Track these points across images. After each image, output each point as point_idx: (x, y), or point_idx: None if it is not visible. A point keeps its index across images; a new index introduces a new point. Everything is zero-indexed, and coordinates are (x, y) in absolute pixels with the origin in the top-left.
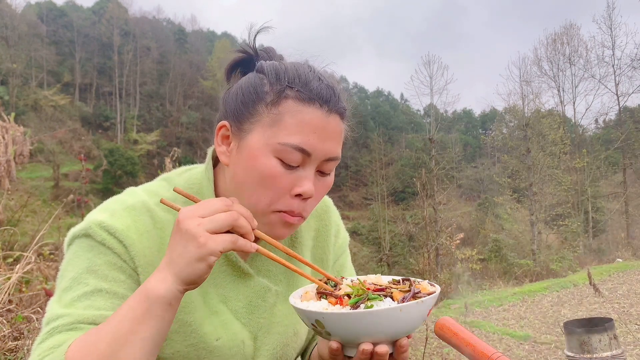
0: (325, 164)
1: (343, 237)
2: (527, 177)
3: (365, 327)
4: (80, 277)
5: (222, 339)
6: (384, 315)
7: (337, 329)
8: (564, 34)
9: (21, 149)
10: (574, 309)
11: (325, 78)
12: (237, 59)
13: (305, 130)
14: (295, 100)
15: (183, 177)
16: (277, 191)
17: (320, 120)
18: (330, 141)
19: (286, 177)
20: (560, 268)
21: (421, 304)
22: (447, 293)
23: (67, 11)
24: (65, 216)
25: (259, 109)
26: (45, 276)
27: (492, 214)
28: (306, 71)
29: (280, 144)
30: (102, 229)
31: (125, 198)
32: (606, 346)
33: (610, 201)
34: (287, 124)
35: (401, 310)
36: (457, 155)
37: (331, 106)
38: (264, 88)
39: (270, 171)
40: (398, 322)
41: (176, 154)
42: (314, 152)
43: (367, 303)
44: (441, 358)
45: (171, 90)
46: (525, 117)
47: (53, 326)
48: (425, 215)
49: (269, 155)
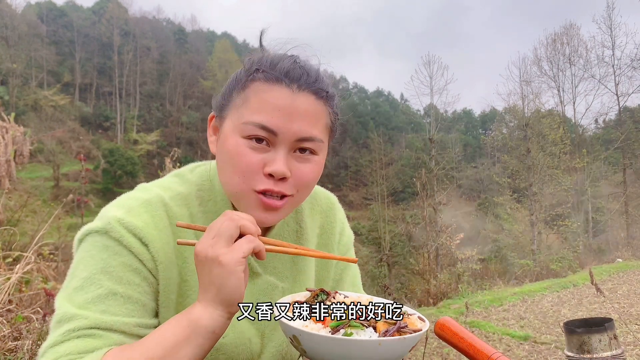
0: (299, 144)
1: (348, 236)
2: (527, 177)
3: (340, 354)
4: (93, 277)
5: (229, 337)
6: (361, 346)
7: (313, 349)
8: (564, 34)
9: (21, 149)
10: (574, 309)
11: (304, 62)
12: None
13: (268, 108)
14: (261, 82)
15: (195, 173)
16: (247, 170)
17: (285, 99)
18: (300, 121)
19: (254, 156)
20: (560, 268)
21: (402, 340)
22: (447, 293)
23: (67, 11)
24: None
25: (233, 94)
26: (45, 276)
27: (492, 214)
28: (281, 56)
29: (244, 123)
30: (121, 225)
31: (139, 194)
32: (606, 346)
33: (610, 201)
34: (251, 103)
35: (380, 344)
36: (457, 155)
37: (301, 84)
38: (239, 76)
39: (238, 151)
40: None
41: (176, 154)
42: (279, 131)
43: (347, 330)
44: (441, 358)
45: (171, 90)
46: (525, 117)
47: (69, 328)
48: (425, 215)
49: (237, 135)
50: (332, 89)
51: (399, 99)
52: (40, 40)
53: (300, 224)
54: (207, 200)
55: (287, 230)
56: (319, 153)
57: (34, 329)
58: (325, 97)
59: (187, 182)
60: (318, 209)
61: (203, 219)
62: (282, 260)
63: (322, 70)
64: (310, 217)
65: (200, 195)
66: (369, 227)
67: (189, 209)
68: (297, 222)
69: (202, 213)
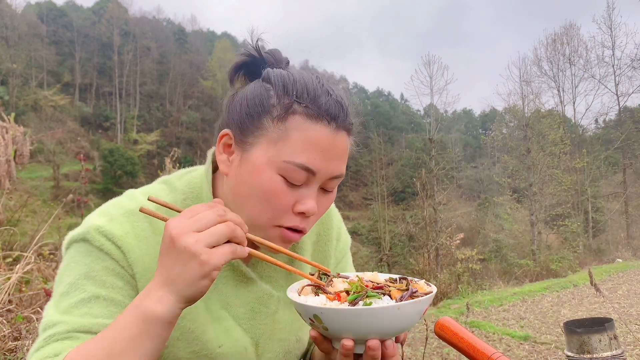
0: (329, 182)
1: (344, 240)
2: (527, 177)
3: (362, 324)
4: (77, 282)
5: (224, 346)
6: (382, 314)
7: (335, 325)
8: (564, 34)
9: (21, 149)
10: (574, 309)
11: (334, 91)
12: (240, 62)
13: (311, 149)
14: (302, 117)
15: (183, 180)
16: (278, 208)
17: (327, 139)
18: (336, 160)
19: (289, 195)
20: (560, 268)
21: (418, 303)
22: (447, 293)
23: (67, 11)
24: (65, 216)
25: (264, 122)
26: (45, 276)
27: (492, 214)
28: (315, 84)
29: (285, 162)
30: (100, 234)
31: (124, 202)
32: (606, 346)
33: (610, 201)
34: (293, 141)
35: (399, 309)
36: (457, 155)
37: (339, 123)
38: (270, 100)
39: (273, 188)
40: (395, 320)
41: (176, 154)
42: (319, 171)
43: (365, 300)
44: (441, 358)
45: (171, 90)
46: (525, 117)
47: (50, 333)
48: (425, 215)
49: (273, 172)
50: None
51: (399, 99)
52: (40, 40)
53: None
54: None
55: None
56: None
57: (34, 329)
58: (352, 131)
59: (174, 191)
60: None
61: None
62: (276, 268)
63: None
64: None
65: (186, 204)
66: (369, 227)
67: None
68: None
69: None
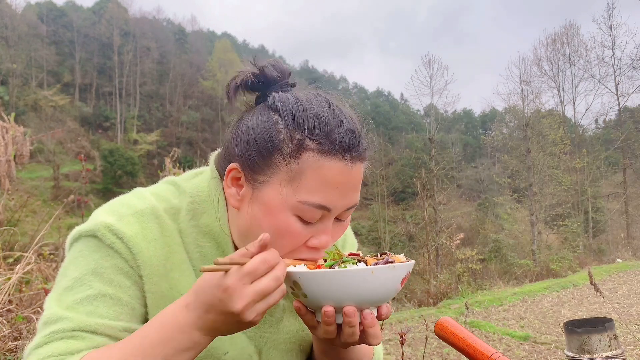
0: (344, 213)
1: (350, 244)
2: (527, 177)
3: (338, 288)
4: (84, 278)
5: (229, 353)
6: (356, 276)
7: (313, 289)
8: (564, 34)
9: (21, 149)
10: (574, 309)
11: (345, 118)
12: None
13: (327, 187)
14: (315, 153)
15: (191, 184)
16: (292, 245)
17: (342, 175)
18: (352, 193)
19: (304, 232)
20: (560, 268)
21: (392, 269)
22: (447, 293)
23: (67, 11)
24: (65, 216)
25: (275, 160)
26: (45, 276)
27: (492, 214)
28: (326, 114)
29: (300, 202)
30: (110, 232)
31: (133, 201)
32: (606, 346)
33: (610, 201)
34: (308, 180)
35: (373, 272)
36: (457, 155)
37: (354, 154)
38: (280, 136)
39: (288, 229)
40: (370, 284)
41: (176, 154)
42: (334, 208)
43: (341, 265)
44: (441, 358)
45: (171, 90)
46: (525, 117)
47: (53, 330)
48: (425, 215)
49: (288, 212)
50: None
51: (399, 99)
52: (40, 40)
53: None
54: (200, 212)
55: None
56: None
57: (34, 329)
58: (366, 158)
59: (182, 194)
60: None
61: (194, 233)
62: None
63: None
64: None
65: (193, 207)
66: (369, 227)
67: (178, 223)
68: None
69: (193, 227)
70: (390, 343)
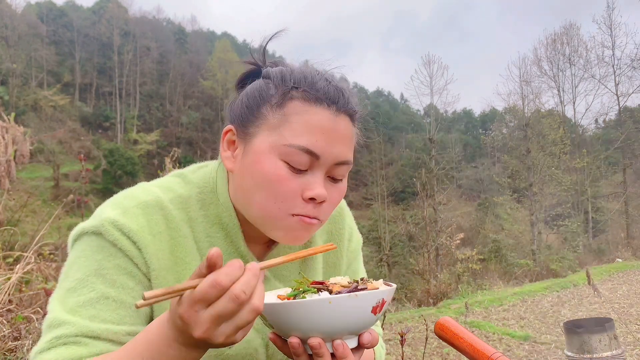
0: (335, 169)
1: (356, 241)
2: (527, 177)
3: (298, 319)
4: (87, 279)
5: (235, 347)
6: (312, 306)
7: (275, 320)
8: (564, 34)
9: (21, 149)
10: (574, 309)
11: (333, 80)
12: (248, 72)
13: (312, 131)
14: (301, 101)
15: (197, 175)
16: (286, 195)
17: (328, 121)
18: (340, 144)
19: (294, 181)
20: (560, 268)
21: (354, 298)
22: (447, 293)
23: (67, 11)
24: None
25: (263, 111)
26: (45, 276)
27: (492, 214)
28: (313, 73)
29: (286, 146)
30: (115, 227)
31: (137, 193)
32: (606, 346)
33: (610, 201)
34: (294, 125)
35: (330, 302)
36: (457, 155)
37: (339, 106)
38: (269, 91)
39: (276, 174)
40: (330, 315)
41: (176, 154)
42: (322, 154)
43: (300, 295)
44: (441, 358)
45: (171, 90)
46: (525, 117)
47: (56, 335)
48: (425, 215)
49: (275, 158)
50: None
51: (399, 99)
52: (40, 40)
53: None
54: (208, 203)
55: None
56: (345, 176)
57: (34, 329)
58: (355, 118)
59: (189, 184)
60: None
61: (204, 223)
62: (289, 268)
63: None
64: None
65: (202, 198)
66: (369, 227)
67: (188, 212)
68: None
69: (203, 217)
70: (390, 343)
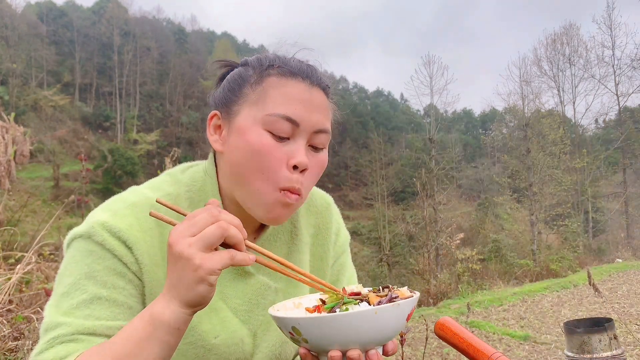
0: (315, 137)
1: (344, 236)
2: (527, 177)
3: (340, 332)
4: (78, 282)
5: (220, 337)
6: (359, 318)
7: (314, 335)
8: (564, 34)
9: (21, 149)
10: (574, 309)
11: (305, 61)
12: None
13: (290, 101)
14: (277, 76)
15: (186, 174)
16: (273, 165)
17: (304, 92)
18: (317, 113)
19: (279, 150)
20: (560, 268)
21: (397, 307)
22: (447, 293)
23: (67, 11)
24: (66, 216)
25: (244, 90)
26: (45, 276)
27: (492, 214)
28: (286, 53)
29: (267, 115)
30: (104, 229)
31: (127, 196)
32: (606, 346)
33: (610, 201)
34: (272, 96)
35: (376, 313)
36: (457, 155)
37: (313, 80)
38: (247, 73)
39: (262, 144)
40: (374, 325)
41: (176, 154)
42: (302, 121)
43: (342, 307)
44: (441, 358)
45: (171, 90)
46: (525, 117)
47: (53, 335)
48: (425, 215)
49: (259, 129)
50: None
51: (399, 99)
52: (40, 40)
53: (295, 224)
54: (197, 201)
55: (282, 230)
56: (325, 147)
57: (34, 329)
58: (328, 93)
59: (178, 182)
60: (314, 210)
61: None
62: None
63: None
64: (306, 217)
65: (190, 196)
66: (369, 227)
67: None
68: (292, 222)
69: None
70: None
